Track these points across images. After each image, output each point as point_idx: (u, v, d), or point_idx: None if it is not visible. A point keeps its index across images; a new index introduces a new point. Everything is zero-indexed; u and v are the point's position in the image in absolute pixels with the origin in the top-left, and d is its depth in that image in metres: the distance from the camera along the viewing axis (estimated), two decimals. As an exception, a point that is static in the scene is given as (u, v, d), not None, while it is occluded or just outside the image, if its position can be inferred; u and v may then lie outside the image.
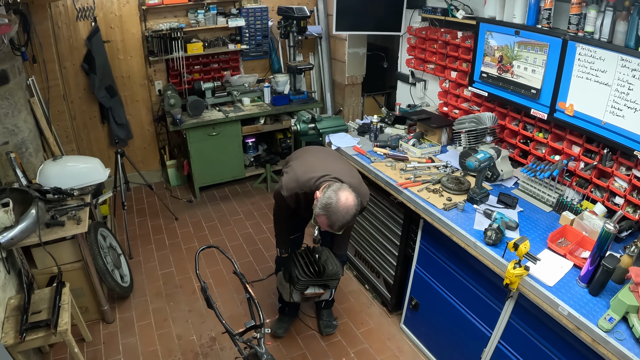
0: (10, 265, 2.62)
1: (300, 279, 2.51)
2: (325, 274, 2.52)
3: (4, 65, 3.10)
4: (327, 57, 5.07)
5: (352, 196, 2.15)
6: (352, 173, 2.47)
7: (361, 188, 2.41)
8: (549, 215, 2.48)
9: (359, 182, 2.43)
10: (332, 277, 2.54)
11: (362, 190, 2.40)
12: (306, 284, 2.54)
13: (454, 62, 3.19)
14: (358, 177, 2.48)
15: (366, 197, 2.43)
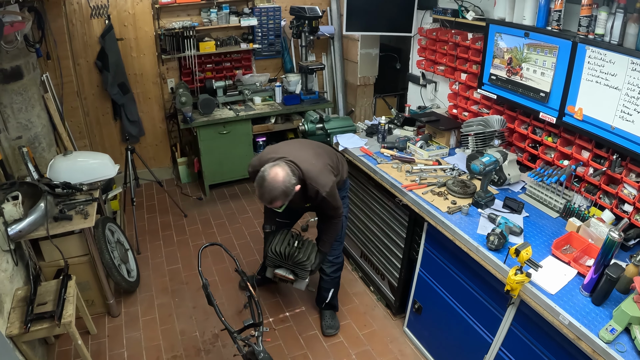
0: (18, 257, 2.68)
1: (268, 255, 2.68)
2: (292, 258, 2.63)
3: (18, 61, 3.18)
4: (339, 57, 5.06)
5: (283, 174, 2.23)
6: (315, 162, 2.47)
7: (320, 177, 2.42)
8: (555, 221, 2.43)
9: (318, 171, 2.43)
10: (297, 263, 2.64)
11: (320, 180, 2.41)
12: (272, 262, 2.71)
13: (464, 64, 3.15)
14: (321, 167, 2.47)
15: (325, 187, 2.41)
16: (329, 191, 2.43)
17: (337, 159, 2.78)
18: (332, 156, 2.71)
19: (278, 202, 2.32)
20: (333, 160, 2.68)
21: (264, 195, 2.28)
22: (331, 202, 2.49)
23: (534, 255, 2.15)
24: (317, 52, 5.22)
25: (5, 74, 3.10)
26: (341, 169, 2.77)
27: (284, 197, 2.29)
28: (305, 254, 2.66)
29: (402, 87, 5.14)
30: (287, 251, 2.66)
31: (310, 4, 4.68)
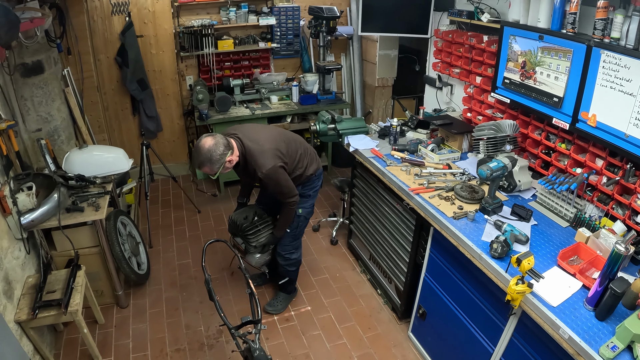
0: (30, 246, 2.76)
1: (229, 221, 2.99)
2: (242, 230, 2.88)
3: (39, 56, 3.28)
4: (358, 58, 5.03)
5: (211, 143, 2.41)
6: (262, 144, 2.58)
7: (259, 157, 2.54)
8: (565, 230, 2.35)
9: (260, 152, 2.55)
10: (245, 236, 2.90)
11: (259, 159, 2.54)
12: (229, 229, 3.04)
13: (479, 67, 3.09)
14: (265, 149, 2.57)
15: (262, 168, 2.53)
16: (266, 173, 2.53)
17: (303, 153, 2.85)
18: (296, 148, 2.80)
19: (205, 168, 2.47)
20: (294, 151, 2.76)
21: (193, 160, 2.56)
22: (270, 184, 2.62)
23: (538, 265, 2.09)
24: (336, 53, 5.21)
25: (27, 67, 3.20)
26: (303, 164, 2.84)
27: (209, 164, 2.44)
28: (256, 231, 2.87)
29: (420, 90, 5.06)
30: (239, 222, 2.86)
31: (330, 4, 4.67)
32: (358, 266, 3.81)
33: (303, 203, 2.95)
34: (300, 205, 2.92)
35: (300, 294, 3.50)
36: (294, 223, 2.96)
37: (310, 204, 3.03)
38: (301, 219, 3.00)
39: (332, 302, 3.43)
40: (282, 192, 2.69)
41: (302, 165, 2.83)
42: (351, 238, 3.94)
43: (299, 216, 2.97)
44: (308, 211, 3.03)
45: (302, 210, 2.97)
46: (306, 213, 3.02)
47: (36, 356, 2.58)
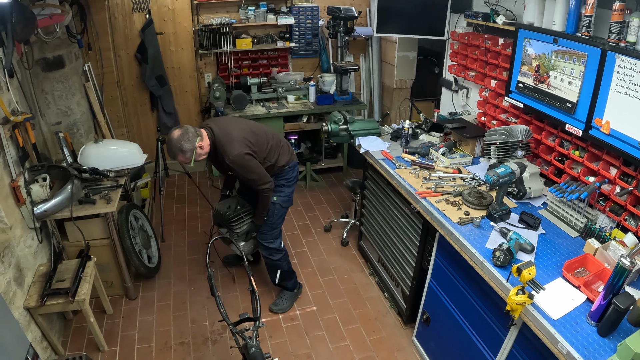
0: (43, 236, 2.85)
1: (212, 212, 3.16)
2: (226, 219, 3.02)
3: (60, 51, 3.38)
4: (377, 59, 5.00)
5: (179, 133, 2.60)
6: (231, 133, 2.74)
7: (227, 145, 2.69)
8: (574, 241, 2.27)
9: (228, 140, 2.70)
10: (229, 225, 3.04)
11: (226, 147, 2.69)
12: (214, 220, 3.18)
13: (494, 70, 3.01)
14: (233, 138, 2.71)
15: (229, 155, 2.68)
16: (232, 159, 2.68)
17: (275, 145, 2.96)
18: (266, 140, 2.91)
19: (179, 156, 2.64)
20: (263, 142, 2.87)
21: (167, 152, 2.73)
22: (239, 171, 2.76)
23: (542, 276, 2.03)
24: (355, 53, 5.19)
25: (48, 62, 3.31)
26: (274, 156, 2.95)
27: (181, 152, 2.61)
28: (239, 219, 3.03)
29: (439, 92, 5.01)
30: (222, 211, 3.02)
31: (350, 4, 4.65)
32: (367, 268, 3.78)
33: (277, 192, 3.03)
34: (275, 194, 3.00)
35: (307, 294, 3.50)
36: (270, 211, 3.02)
37: (285, 192, 3.10)
38: (276, 207, 3.05)
39: (338, 303, 3.41)
40: (253, 179, 2.80)
41: (272, 157, 2.93)
42: (361, 240, 3.92)
43: (274, 204, 3.03)
44: (284, 199, 3.09)
45: (277, 198, 3.04)
46: (282, 201, 3.07)
47: (44, 342, 2.66)
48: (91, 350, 2.89)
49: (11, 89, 2.59)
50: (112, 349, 2.93)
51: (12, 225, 2.52)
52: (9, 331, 1.67)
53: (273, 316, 3.29)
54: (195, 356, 2.93)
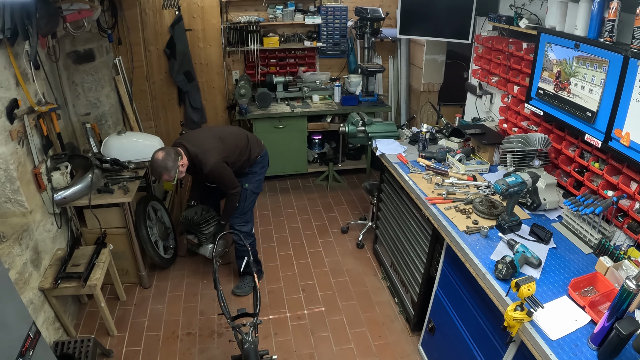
0: (63, 221, 2.98)
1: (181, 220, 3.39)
2: (195, 224, 3.27)
3: (91, 44, 3.53)
4: (405, 61, 4.92)
5: (162, 155, 2.80)
6: (204, 145, 2.99)
7: (203, 157, 2.94)
8: (586, 257, 2.15)
9: (202, 152, 2.95)
10: (198, 229, 3.28)
11: (202, 159, 2.94)
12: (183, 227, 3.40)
13: (517, 76, 2.90)
14: (206, 149, 2.96)
15: (206, 165, 2.93)
16: (210, 168, 2.94)
17: (243, 144, 3.20)
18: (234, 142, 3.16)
19: (164, 176, 2.84)
20: (232, 144, 3.12)
21: (152, 173, 2.94)
22: (216, 177, 3.02)
23: (547, 292, 1.94)
24: (384, 55, 5.13)
25: (79, 55, 3.46)
26: (245, 151, 3.21)
27: (166, 172, 2.81)
28: (207, 225, 3.27)
29: (466, 97, 4.88)
30: (191, 216, 3.25)
31: (379, 5, 4.60)
32: (380, 272, 3.73)
33: (249, 179, 3.30)
34: (247, 180, 3.28)
35: (317, 294, 3.50)
36: (242, 196, 3.25)
37: (256, 179, 3.36)
38: (248, 193, 3.29)
39: (347, 305, 3.39)
40: (225, 184, 3.07)
41: (245, 153, 3.20)
42: (376, 243, 3.87)
43: (246, 189, 3.27)
44: (255, 186, 3.34)
45: (249, 185, 3.29)
46: (253, 187, 3.32)
47: (56, 323, 2.78)
48: (102, 335, 3.00)
49: (38, 80, 2.73)
50: (122, 334, 3.03)
51: (32, 210, 2.65)
52: (12, 308, 1.74)
53: (280, 314, 3.30)
54: (200, 347, 2.98)
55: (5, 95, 2.42)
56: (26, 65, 2.54)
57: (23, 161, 2.59)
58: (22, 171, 2.57)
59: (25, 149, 2.61)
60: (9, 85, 2.44)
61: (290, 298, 3.46)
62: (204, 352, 2.96)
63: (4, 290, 1.73)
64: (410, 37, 4.08)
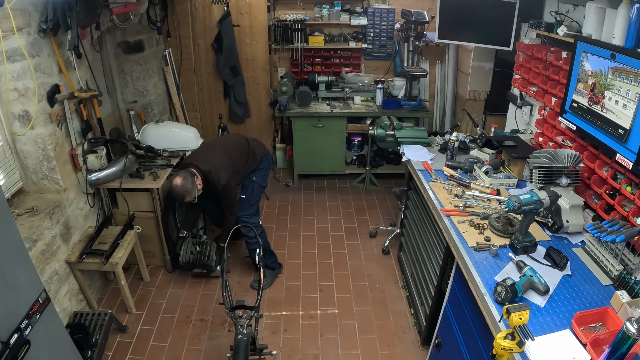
0: (96, 201, 3.19)
1: (181, 264, 3.42)
2: (199, 262, 3.39)
3: (141, 36, 3.74)
4: (452, 67, 4.74)
5: (181, 180, 2.95)
6: (215, 162, 3.13)
7: (215, 175, 3.08)
8: (603, 289, 1.96)
9: (215, 170, 3.09)
10: (203, 265, 3.40)
11: (215, 176, 3.08)
12: (186, 267, 3.47)
13: (555, 87, 2.69)
14: (218, 166, 3.11)
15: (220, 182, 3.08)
16: (223, 185, 3.10)
17: (247, 150, 3.38)
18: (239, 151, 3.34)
19: (187, 198, 3.00)
20: (237, 154, 3.30)
21: (174, 198, 3.05)
22: (226, 194, 3.16)
23: (548, 323, 1.79)
24: (432, 60, 4.97)
25: (129, 45, 3.68)
26: (250, 155, 3.39)
27: (187, 194, 2.98)
28: (206, 255, 3.40)
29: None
30: (191, 259, 3.37)
31: (428, 9, 4.46)
32: (401, 281, 3.64)
33: (257, 173, 3.47)
34: (255, 174, 3.44)
35: (333, 296, 3.48)
36: (249, 189, 3.43)
37: (262, 174, 3.52)
38: (255, 186, 3.45)
39: (362, 310, 3.34)
40: (230, 202, 3.23)
41: (250, 156, 3.39)
42: (401, 250, 3.78)
43: (254, 182, 3.44)
44: (261, 179, 3.51)
45: (256, 178, 3.45)
46: (260, 181, 3.48)
47: (80, 295, 2.99)
48: (121, 311, 3.18)
49: (81, 68, 2.94)
50: (139, 312, 3.20)
51: (66, 188, 2.86)
52: (23, 274, 1.88)
53: (294, 311, 3.32)
54: (210, 334, 3.07)
55: (48, 80, 2.63)
56: (69, 54, 2.74)
57: (61, 142, 2.80)
58: (59, 151, 2.78)
59: (64, 131, 2.82)
60: (51, 71, 2.65)
61: (307, 297, 3.47)
62: (212, 339, 3.04)
63: (17, 257, 1.87)
64: (449, 41, 3.92)
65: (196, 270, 3.48)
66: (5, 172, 2.59)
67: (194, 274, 3.56)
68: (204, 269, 3.46)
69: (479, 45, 3.73)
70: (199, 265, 3.42)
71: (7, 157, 2.60)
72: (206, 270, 3.48)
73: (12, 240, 1.85)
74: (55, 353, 2.06)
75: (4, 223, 1.80)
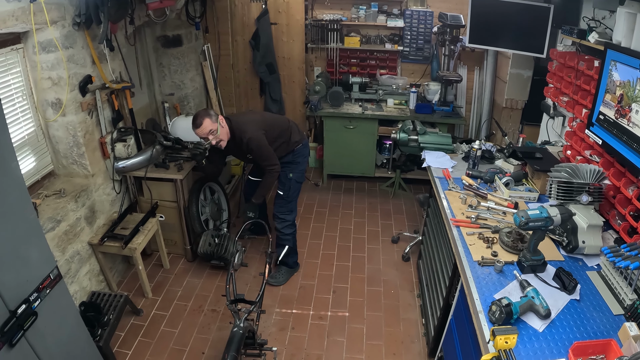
0: (122, 188, 3.34)
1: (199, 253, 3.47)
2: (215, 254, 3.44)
3: (179, 31, 3.89)
4: (491, 74, 4.56)
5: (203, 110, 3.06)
6: (246, 120, 3.22)
7: (243, 127, 3.11)
8: (612, 319, 1.81)
9: (244, 124, 3.14)
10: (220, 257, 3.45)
11: (242, 128, 3.11)
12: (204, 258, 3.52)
13: (586, 98, 2.53)
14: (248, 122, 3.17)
15: (246, 134, 3.08)
16: (249, 136, 3.06)
17: (285, 128, 3.34)
18: (279, 125, 3.33)
19: (206, 120, 2.95)
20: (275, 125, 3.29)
21: (194, 121, 2.99)
22: (254, 148, 3.09)
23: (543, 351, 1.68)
24: (470, 65, 4.81)
25: (167, 39, 3.83)
26: (285, 135, 3.33)
27: (207, 116, 2.97)
28: (224, 248, 3.45)
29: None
30: (209, 251, 3.43)
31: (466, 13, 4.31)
32: (417, 289, 3.56)
33: (293, 168, 3.40)
34: (291, 170, 3.37)
35: (345, 299, 3.45)
36: (286, 186, 3.38)
37: (300, 169, 3.46)
38: (292, 182, 3.40)
39: (372, 316, 3.29)
40: (264, 156, 3.14)
41: (285, 135, 3.32)
42: (420, 258, 3.69)
43: (290, 179, 3.39)
44: (298, 175, 3.45)
45: (293, 175, 3.39)
46: (296, 177, 3.43)
47: (100, 276, 3.15)
48: (138, 295, 3.31)
49: (115, 60, 3.09)
50: (155, 298, 3.32)
51: (94, 174, 3.03)
52: (37, 250, 2.00)
53: (304, 310, 3.33)
54: (219, 325, 3.14)
55: (81, 71, 2.78)
56: (102, 47, 2.89)
57: (91, 130, 2.96)
58: (88, 138, 2.94)
59: (94, 120, 2.98)
60: (84, 63, 2.80)
61: (319, 297, 3.47)
62: (221, 330, 3.10)
63: (31, 233, 2.00)
64: (480, 46, 3.76)
65: (214, 262, 3.56)
66: (37, 155, 2.77)
67: (213, 265, 3.64)
68: (221, 261, 3.53)
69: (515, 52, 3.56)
70: (216, 257, 3.49)
71: (39, 142, 2.78)
72: (223, 263, 3.55)
73: (27, 219, 1.97)
74: (62, 327, 2.17)
75: (21, 203, 1.93)
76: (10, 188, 1.86)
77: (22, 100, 2.59)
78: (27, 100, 2.63)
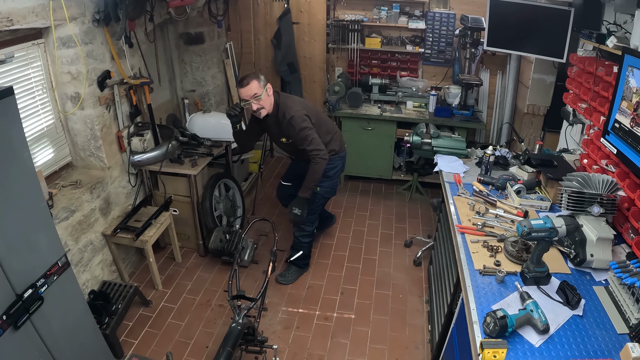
0: (138, 181, 3.43)
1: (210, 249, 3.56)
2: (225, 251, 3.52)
3: (202, 28, 3.97)
4: (513, 78, 4.44)
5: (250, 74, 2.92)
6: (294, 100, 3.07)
7: (289, 103, 2.98)
8: (615, 338, 1.73)
9: (291, 102, 3.00)
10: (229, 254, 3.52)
11: (288, 104, 2.97)
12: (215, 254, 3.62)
13: (604, 105, 2.43)
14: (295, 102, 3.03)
15: (290, 111, 2.93)
16: (292, 114, 2.90)
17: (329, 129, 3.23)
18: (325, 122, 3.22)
19: (253, 81, 2.84)
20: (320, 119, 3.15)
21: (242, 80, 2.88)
22: (296, 129, 2.91)
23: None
24: (493, 69, 4.70)
25: (190, 36, 3.92)
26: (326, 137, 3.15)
27: (255, 77, 2.86)
28: (234, 245, 3.49)
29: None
30: (219, 247, 3.48)
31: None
32: (426, 294, 3.50)
33: (322, 181, 3.20)
34: (319, 184, 3.19)
35: (353, 301, 3.44)
36: (311, 199, 3.18)
37: (329, 184, 3.32)
38: (318, 197, 3.29)
39: (378, 320, 3.27)
40: (307, 140, 2.93)
41: (325, 136, 3.13)
42: (431, 264, 3.63)
43: (316, 194, 3.24)
44: (326, 190, 3.33)
45: (320, 189, 3.26)
46: (324, 192, 3.32)
47: (113, 266, 3.24)
48: (149, 287, 3.39)
49: (134, 56, 3.17)
50: (165, 290, 3.39)
51: (110, 166, 3.12)
52: (46, 237, 2.08)
53: (310, 310, 3.33)
54: (224, 321, 3.18)
55: (100, 66, 2.87)
56: (121, 43, 2.97)
57: (108, 124, 3.05)
58: (105, 132, 3.03)
59: (112, 114, 3.07)
60: (103, 58, 2.89)
61: (326, 298, 3.46)
62: (226, 325, 3.11)
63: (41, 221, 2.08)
64: (498, 49, 3.66)
65: (225, 258, 3.61)
66: (55, 147, 2.88)
67: (224, 260, 3.69)
68: (231, 258, 3.57)
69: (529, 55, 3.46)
70: (226, 253, 3.54)
71: (58, 134, 2.88)
72: (233, 259, 3.57)
73: (38, 208, 2.05)
74: (68, 313, 2.24)
75: (32, 192, 2.01)
76: (22, 177, 1.94)
77: (42, 93, 2.70)
78: (47, 93, 2.74)
